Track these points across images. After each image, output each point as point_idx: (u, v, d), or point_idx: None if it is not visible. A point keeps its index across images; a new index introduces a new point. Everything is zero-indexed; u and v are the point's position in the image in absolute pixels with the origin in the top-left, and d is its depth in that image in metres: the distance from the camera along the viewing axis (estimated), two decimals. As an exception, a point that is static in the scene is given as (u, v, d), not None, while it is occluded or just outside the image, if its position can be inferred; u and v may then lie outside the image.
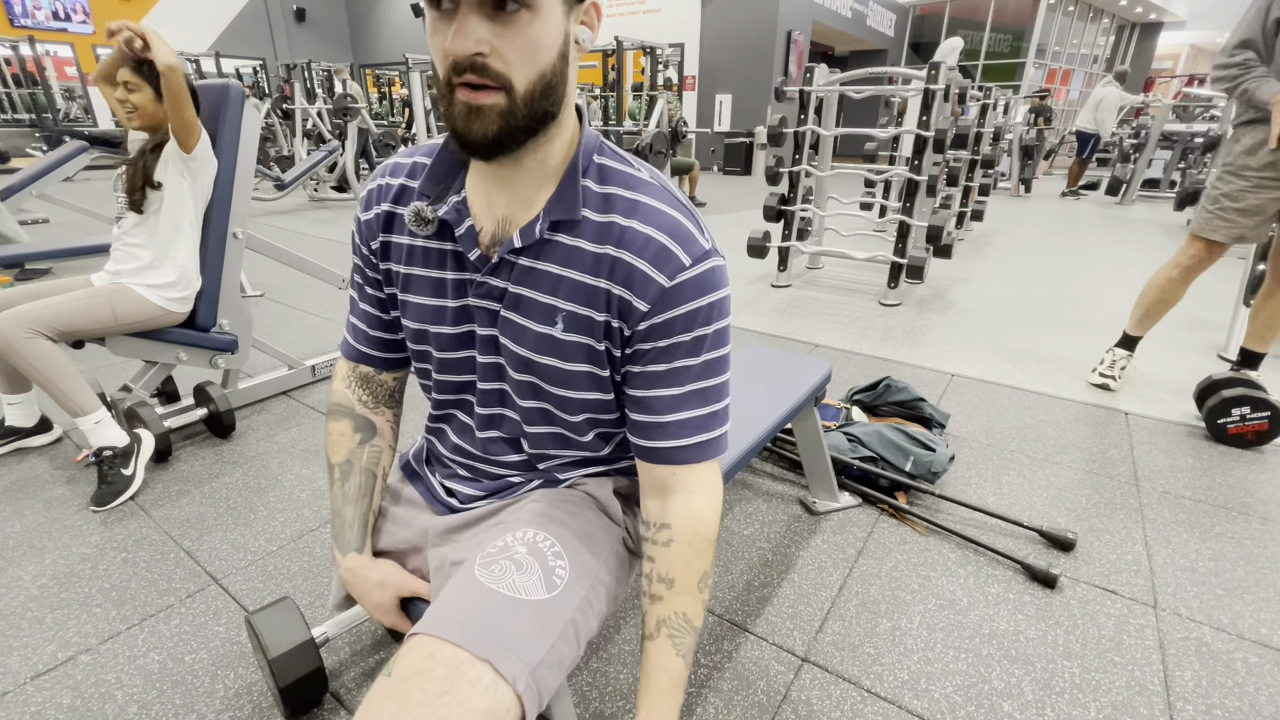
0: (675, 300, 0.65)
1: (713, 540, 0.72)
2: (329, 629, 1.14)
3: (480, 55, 0.55)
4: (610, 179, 0.68)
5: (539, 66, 0.58)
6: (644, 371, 0.69)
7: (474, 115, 0.58)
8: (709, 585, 0.73)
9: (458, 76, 0.57)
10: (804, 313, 3.47)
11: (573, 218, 0.66)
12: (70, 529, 1.57)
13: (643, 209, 0.66)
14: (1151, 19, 16.48)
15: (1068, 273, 4.45)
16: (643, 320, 0.66)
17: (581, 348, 0.69)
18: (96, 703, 1.11)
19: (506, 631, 0.61)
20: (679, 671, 0.71)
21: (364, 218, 0.77)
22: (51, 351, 1.63)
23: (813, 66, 3.74)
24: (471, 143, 0.60)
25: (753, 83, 10.85)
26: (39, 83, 10.34)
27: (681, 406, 0.69)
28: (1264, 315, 2.19)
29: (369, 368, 0.86)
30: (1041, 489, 1.81)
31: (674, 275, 0.65)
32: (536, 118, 0.60)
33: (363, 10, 15.37)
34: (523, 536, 0.71)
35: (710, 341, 0.68)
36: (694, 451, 0.71)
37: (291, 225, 5.92)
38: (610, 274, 0.66)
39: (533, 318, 0.69)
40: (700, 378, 0.69)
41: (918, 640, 1.27)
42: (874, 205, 5.37)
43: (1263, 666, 1.23)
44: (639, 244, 0.65)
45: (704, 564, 0.72)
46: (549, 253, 0.67)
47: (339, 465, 0.84)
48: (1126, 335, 2.48)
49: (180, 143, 1.73)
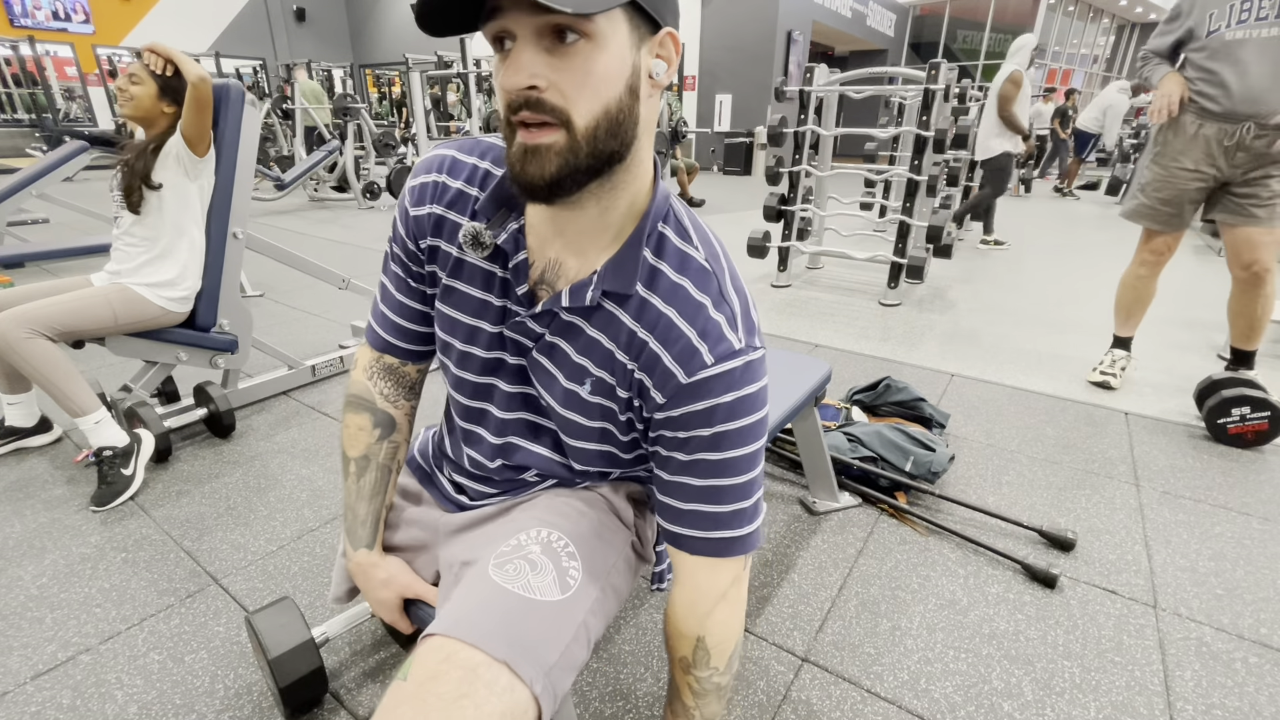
0: (692, 396, 0.63)
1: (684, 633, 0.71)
2: (329, 629, 1.14)
3: (535, 89, 0.52)
4: (665, 253, 0.65)
5: (602, 101, 0.53)
6: (668, 457, 0.67)
7: (531, 156, 0.54)
8: (697, 677, 0.73)
9: (514, 115, 0.53)
10: (804, 313, 3.47)
11: (626, 293, 0.63)
12: (70, 529, 1.57)
13: (681, 297, 0.63)
14: (1151, 19, 16.48)
15: (1068, 272, 4.45)
16: (658, 410, 0.65)
17: (603, 409, 0.69)
18: (96, 703, 1.11)
19: (523, 633, 0.61)
20: None
21: (413, 212, 0.72)
22: (51, 351, 1.63)
23: (813, 66, 3.74)
24: (528, 184, 0.55)
25: (753, 83, 10.85)
26: (39, 83, 10.35)
27: (697, 498, 0.67)
28: (1240, 316, 2.22)
29: (394, 358, 0.83)
30: (1041, 489, 1.81)
31: (693, 373, 0.62)
32: (601, 158, 0.55)
33: (363, 10, 15.37)
34: (536, 535, 0.70)
35: (733, 438, 0.64)
36: (700, 545, 0.68)
37: (291, 225, 5.92)
38: (639, 357, 0.65)
39: (564, 371, 0.69)
40: (721, 474, 0.65)
41: (918, 640, 1.27)
42: (874, 205, 5.37)
43: (1263, 666, 1.23)
44: (669, 336, 0.63)
45: (680, 649, 0.72)
46: (595, 317, 0.66)
47: (356, 460, 0.83)
48: (1117, 337, 2.54)
49: (192, 146, 1.76)
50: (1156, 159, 2.18)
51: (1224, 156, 2.03)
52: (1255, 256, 2.07)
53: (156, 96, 1.75)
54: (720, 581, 0.69)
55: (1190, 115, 2.06)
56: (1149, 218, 2.23)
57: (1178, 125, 2.09)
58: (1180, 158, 2.10)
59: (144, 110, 1.75)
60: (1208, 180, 2.09)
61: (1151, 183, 2.19)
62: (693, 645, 0.70)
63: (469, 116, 5.24)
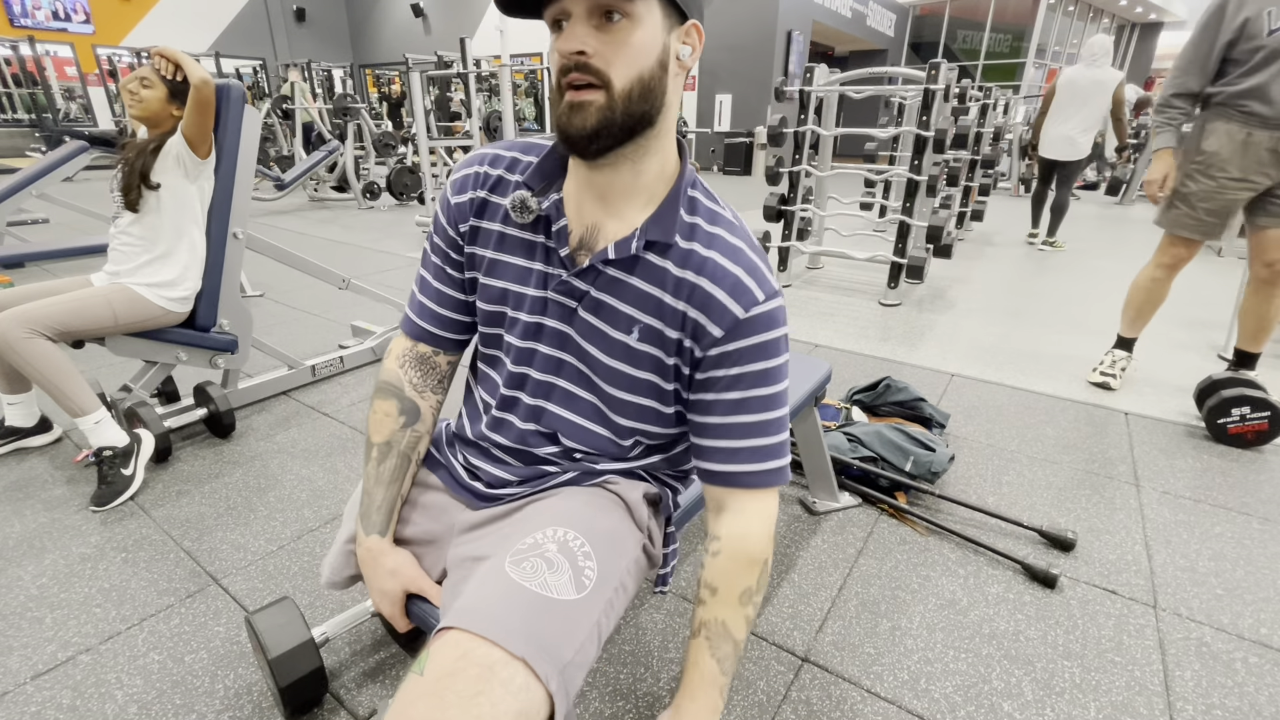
0: (748, 331, 0.70)
1: (758, 561, 0.74)
2: (329, 629, 1.14)
3: (584, 55, 0.62)
4: (698, 211, 0.73)
5: (636, 69, 0.64)
6: (717, 399, 0.73)
7: (575, 110, 0.64)
8: (754, 602, 0.75)
9: (565, 77, 0.64)
10: (804, 313, 3.47)
11: (668, 241, 0.71)
12: (70, 529, 1.57)
13: (720, 242, 0.72)
14: (1151, 19, 16.49)
15: (1068, 273, 4.45)
16: (714, 346, 0.71)
17: (651, 358, 0.74)
18: (96, 703, 1.11)
19: (540, 630, 0.61)
20: (712, 673, 0.73)
21: (455, 200, 0.79)
22: (51, 351, 1.63)
23: (812, 66, 3.74)
24: (572, 135, 0.65)
25: (753, 83, 10.85)
26: (39, 83, 10.34)
27: (748, 434, 0.73)
28: (1251, 315, 2.21)
29: (429, 347, 0.87)
30: (1041, 489, 1.81)
31: (749, 308, 0.70)
32: (634, 117, 0.65)
33: (363, 10, 15.37)
34: (553, 535, 0.71)
35: (775, 375, 0.72)
36: (754, 478, 0.74)
37: (291, 225, 5.93)
38: (689, 298, 0.71)
39: (612, 324, 0.74)
40: (766, 409, 0.73)
41: (918, 640, 1.27)
42: (874, 205, 5.37)
43: (1263, 666, 1.23)
44: (718, 275, 0.70)
45: (746, 580, 0.74)
46: (638, 269, 0.72)
47: (379, 445, 0.85)
48: (1121, 338, 2.51)
49: (194, 147, 1.76)
50: (1203, 170, 2.06)
51: (1276, 164, 1.96)
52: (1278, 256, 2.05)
53: (166, 100, 1.76)
54: (774, 508, 0.77)
55: (1236, 124, 1.98)
56: (1192, 229, 2.13)
57: (1223, 133, 2.01)
58: (1228, 167, 2.01)
59: (153, 113, 1.76)
60: (1257, 189, 2.02)
61: (1198, 194, 2.08)
62: (759, 571, 0.75)
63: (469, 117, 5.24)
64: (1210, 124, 2.05)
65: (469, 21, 13.42)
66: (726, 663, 0.74)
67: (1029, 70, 13.72)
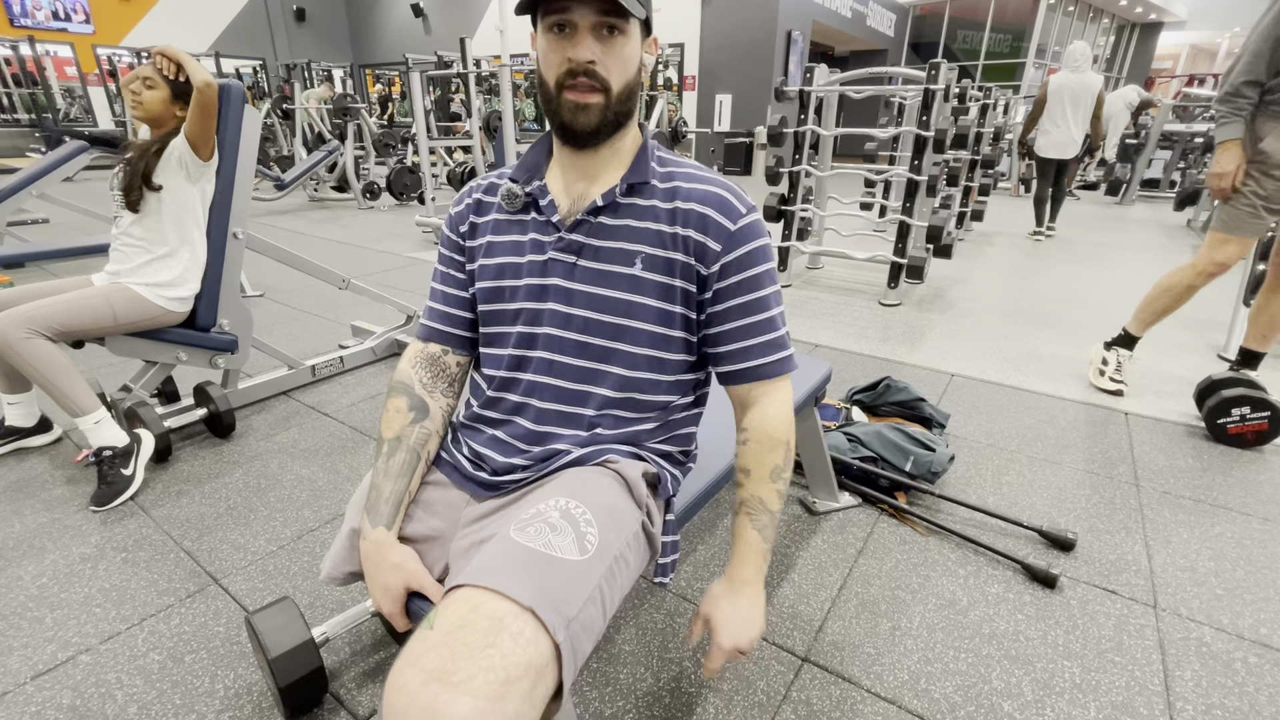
0: (741, 240, 0.82)
1: (781, 440, 0.85)
2: (329, 629, 1.14)
3: (592, 63, 0.75)
4: (668, 163, 0.87)
5: (626, 76, 0.78)
6: (727, 308, 0.84)
7: (580, 110, 0.77)
8: (783, 478, 0.86)
9: (570, 79, 0.76)
10: (804, 313, 3.47)
11: (645, 180, 0.83)
12: (70, 529, 1.57)
13: (697, 177, 0.84)
14: (1151, 19, 16.47)
15: (1068, 273, 4.45)
16: (717, 260, 0.82)
17: (655, 285, 0.83)
18: (96, 703, 1.11)
19: (547, 583, 0.64)
20: (755, 540, 0.85)
21: (455, 210, 0.93)
22: (51, 351, 1.63)
23: (812, 66, 3.74)
24: (577, 132, 0.79)
25: (753, 83, 10.84)
26: (39, 83, 10.34)
27: (758, 332, 0.84)
28: (1266, 315, 2.18)
29: (438, 346, 0.94)
30: (1041, 489, 1.81)
31: (736, 220, 0.82)
32: (622, 114, 0.80)
33: (363, 10, 15.36)
34: (555, 504, 0.74)
35: (769, 276, 0.84)
36: (771, 368, 0.85)
37: (291, 225, 5.93)
38: (685, 222, 0.82)
39: (612, 261, 0.83)
40: (767, 308, 0.84)
41: (918, 640, 1.27)
42: (874, 205, 5.37)
43: (1263, 666, 1.23)
44: (706, 198, 0.82)
45: (775, 458, 0.85)
46: (625, 211, 0.83)
47: (389, 440, 0.88)
48: (1128, 334, 2.45)
49: (196, 150, 1.76)
50: (1266, 170, 1.98)
51: None
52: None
53: (170, 100, 1.76)
54: (789, 394, 0.88)
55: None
56: (1256, 229, 2.04)
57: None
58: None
59: (156, 114, 1.76)
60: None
61: (1260, 193, 1.99)
62: (784, 450, 0.86)
63: (469, 117, 5.24)
64: (1268, 124, 1.97)
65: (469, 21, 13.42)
66: (767, 531, 0.85)
67: (1029, 70, 13.71)
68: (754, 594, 0.85)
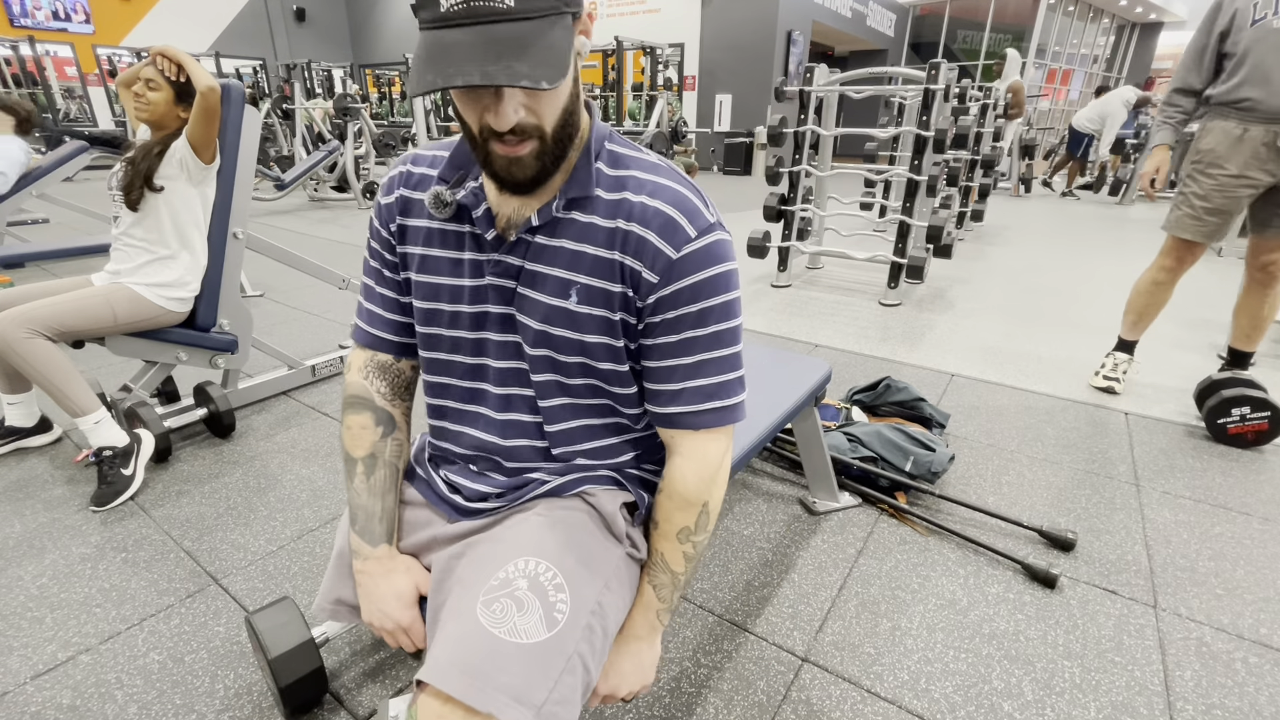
0: (685, 271, 0.69)
1: (694, 503, 0.76)
2: (329, 629, 1.15)
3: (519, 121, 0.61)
4: (622, 162, 0.72)
5: (562, 108, 0.63)
6: (656, 344, 0.73)
7: (515, 164, 0.64)
8: (693, 541, 0.78)
9: (495, 137, 0.62)
10: (804, 313, 3.47)
11: (586, 194, 0.70)
12: (70, 529, 1.57)
13: (651, 185, 0.70)
14: (1151, 19, 16.47)
15: (1068, 273, 4.45)
16: (651, 292, 0.70)
17: (596, 319, 0.72)
18: (96, 703, 1.11)
19: (509, 680, 0.62)
20: (648, 597, 0.80)
21: (384, 201, 0.79)
22: (51, 351, 1.63)
23: (813, 66, 3.74)
24: (515, 184, 0.66)
25: (753, 83, 10.84)
26: (39, 83, 10.34)
27: (689, 376, 0.73)
28: (1245, 314, 2.21)
29: (387, 355, 0.85)
30: (1041, 489, 1.81)
31: (681, 247, 0.68)
32: (563, 144, 0.66)
33: (363, 10, 15.37)
34: (524, 568, 0.71)
35: (717, 313, 0.71)
36: (698, 418, 0.74)
37: (291, 225, 5.93)
38: (623, 246, 0.70)
39: (547, 291, 0.72)
40: (708, 348, 0.72)
41: (918, 640, 1.27)
42: (874, 205, 5.37)
43: (1263, 666, 1.23)
44: (648, 217, 0.69)
45: (684, 519, 0.76)
46: (564, 229, 0.71)
47: (363, 459, 0.83)
48: (1122, 340, 2.49)
49: (199, 153, 1.77)
50: (1202, 169, 2.06)
51: (1274, 159, 1.93)
52: (1276, 257, 2.05)
53: (173, 102, 1.76)
54: (718, 450, 0.76)
55: (1233, 121, 1.98)
56: (1194, 230, 2.10)
57: (1219, 131, 2.01)
58: (1225, 164, 2.00)
59: (159, 115, 1.76)
60: (1258, 187, 1.99)
61: (1198, 193, 2.07)
62: (697, 513, 0.76)
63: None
64: (1209, 123, 2.05)
65: (469, 21, 13.41)
66: (663, 590, 0.79)
67: (1029, 70, 13.71)
68: (641, 649, 0.80)
